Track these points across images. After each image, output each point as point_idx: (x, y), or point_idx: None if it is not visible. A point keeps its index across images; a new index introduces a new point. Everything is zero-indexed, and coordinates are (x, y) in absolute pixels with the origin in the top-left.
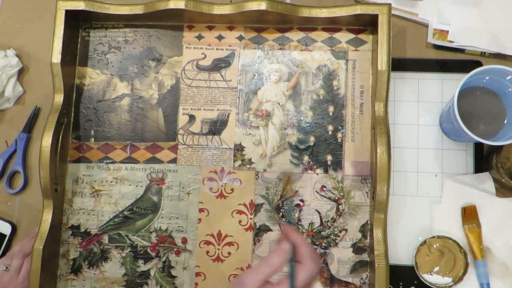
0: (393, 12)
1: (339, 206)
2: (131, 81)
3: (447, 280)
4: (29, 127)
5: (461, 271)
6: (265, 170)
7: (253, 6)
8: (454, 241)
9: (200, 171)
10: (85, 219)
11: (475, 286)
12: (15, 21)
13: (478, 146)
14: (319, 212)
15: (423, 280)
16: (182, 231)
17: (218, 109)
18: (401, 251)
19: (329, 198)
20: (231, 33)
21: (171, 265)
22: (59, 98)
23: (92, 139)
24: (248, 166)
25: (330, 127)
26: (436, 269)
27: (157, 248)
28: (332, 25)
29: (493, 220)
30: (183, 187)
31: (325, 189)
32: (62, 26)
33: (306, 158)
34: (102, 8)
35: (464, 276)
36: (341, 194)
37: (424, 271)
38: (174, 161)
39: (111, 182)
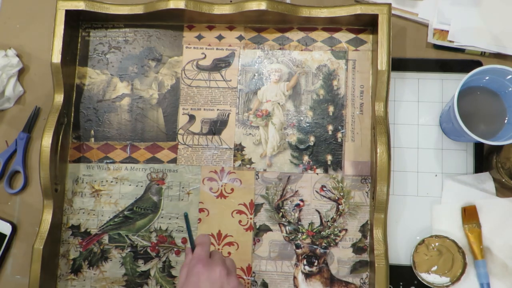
0: (393, 12)
1: (339, 206)
2: (131, 81)
3: (445, 279)
4: (29, 127)
5: (459, 271)
6: (265, 170)
7: (253, 6)
8: (453, 241)
9: (200, 171)
10: (85, 219)
11: (475, 286)
12: (15, 21)
13: (478, 146)
14: (319, 212)
15: (420, 279)
16: (182, 231)
17: (218, 109)
18: (401, 251)
19: (329, 198)
20: (231, 33)
21: (171, 265)
22: (59, 98)
23: (92, 139)
24: (248, 166)
25: (330, 127)
26: (434, 268)
27: (157, 248)
28: (332, 25)
29: (493, 220)
30: (183, 187)
31: (325, 189)
32: (62, 26)
33: (306, 158)
34: (102, 8)
35: (462, 276)
36: (341, 194)
37: (422, 270)
38: (174, 161)
39: (111, 182)
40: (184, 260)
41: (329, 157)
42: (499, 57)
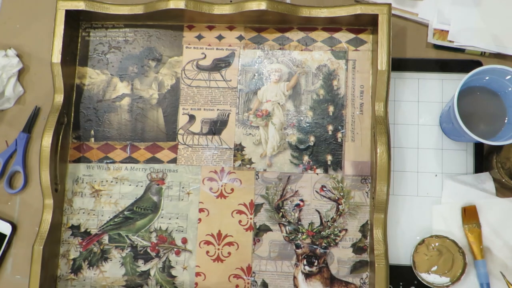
0: (393, 12)
1: (339, 206)
2: (131, 81)
3: (445, 279)
4: (29, 127)
5: (459, 271)
6: (265, 170)
7: (253, 6)
8: (453, 241)
9: (200, 171)
10: (85, 219)
11: (475, 286)
12: (15, 21)
13: (478, 146)
14: (319, 212)
15: (420, 279)
16: (182, 231)
17: (218, 109)
18: (401, 251)
19: (329, 198)
20: (231, 33)
21: (171, 265)
22: (59, 98)
23: (92, 139)
24: (248, 166)
25: (330, 127)
26: (434, 268)
27: (157, 248)
28: (332, 25)
29: (493, 220)
30: (183, 187)
31: (325, 189)
32: (62, 26)
33: (306, 158)
34: (102, 8)
35: (462, 276)
36: (341, 194)
37: (422, 270)
38: (174, 161)
39: (111, 182)
40: None
41: (329, 157)
42: (499, 57)
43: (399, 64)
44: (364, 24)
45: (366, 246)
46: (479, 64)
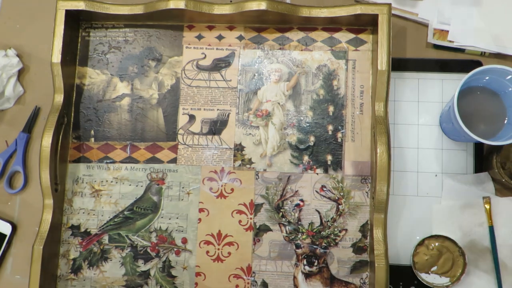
0: (393, 12)
1: (339, 206)
2: (131, 81)
3: (445, 280)
4: (29, 127)
5: (459, 271)
6: (265, 170)
7: (253, 6)
8: (452, 241)
9: (200, 171)
10: (85, 219)
11: (475, 286)
12: (15, 21)
13: (478, 146)
14: (319, 212)
15: (420, 279)
16: (182, 231)
17: (218, 109)
18: (401, 251)
19: (329, 198)
20: (231, 33)
21: (171, 265)
22: (59, 98)
23: (92, 139)
24: (248, 166)
25: (330, 127)
26: (434, 268)
27: (157, 248)
28: (332, 25)
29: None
30: (183, 187)
31: (325, 189)
32: (62, 26)
33: (306, 158)
34: (102, 8)
35: (462, 276)
36: (341, 194)
37: (421, 270)
38: (174, 161)
39: (111, 182)
40: None
41: (329, 157)
42: (499, 57)
43: (399, 64)
44: (364, 24)
45: (366, 246)
46: (479, 64)
